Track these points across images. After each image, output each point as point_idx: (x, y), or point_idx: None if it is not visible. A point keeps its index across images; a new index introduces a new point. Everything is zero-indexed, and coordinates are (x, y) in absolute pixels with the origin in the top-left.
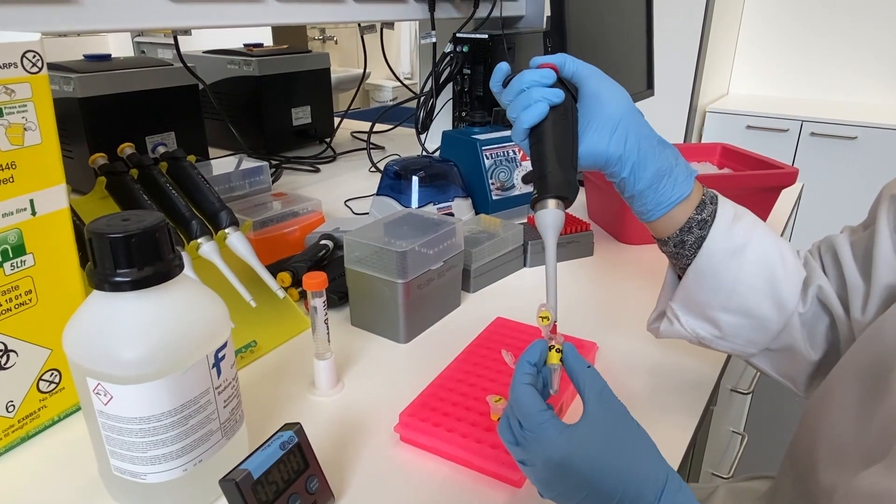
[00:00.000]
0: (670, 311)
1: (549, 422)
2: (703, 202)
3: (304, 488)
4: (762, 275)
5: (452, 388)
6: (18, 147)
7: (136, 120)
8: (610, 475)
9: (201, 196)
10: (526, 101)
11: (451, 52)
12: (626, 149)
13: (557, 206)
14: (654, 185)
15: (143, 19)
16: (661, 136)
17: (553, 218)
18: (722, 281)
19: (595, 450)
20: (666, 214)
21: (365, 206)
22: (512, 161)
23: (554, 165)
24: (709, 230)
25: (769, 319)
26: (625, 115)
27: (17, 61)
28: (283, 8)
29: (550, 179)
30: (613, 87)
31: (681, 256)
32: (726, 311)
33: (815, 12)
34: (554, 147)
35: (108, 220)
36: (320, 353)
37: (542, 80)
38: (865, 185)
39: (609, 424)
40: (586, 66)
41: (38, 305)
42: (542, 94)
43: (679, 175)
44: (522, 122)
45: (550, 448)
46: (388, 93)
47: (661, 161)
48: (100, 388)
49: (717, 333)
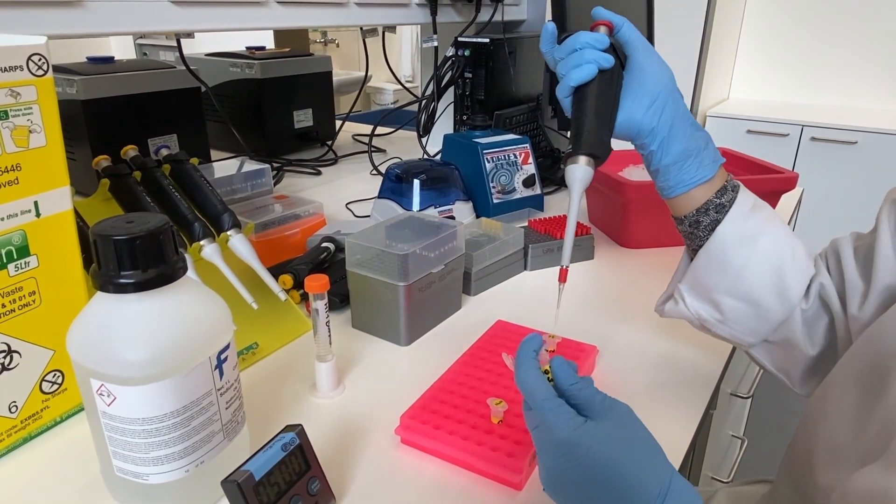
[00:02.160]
0: (677, 292)
1: (561, 406)
2: (725, 188)
3: (306, 490)
4: (770, 266)
5: (453, 391)
6: (23, 149)
7: (138, 122)
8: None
9: (204, 198)
10: (577, 61)
11: (453, 56)
12: (659, 123)
13: (588, 163)
14: (679, 162)
15: (148, 22)
16: (695, 120)
17: (582, 173)
18: (730, 266)
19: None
20: (686, 193)
21: (366, 209)
22: (513, 165)
23: (592, 125)
24: (725, 214)
25: (771, 310)
26: (664, 91)
27: (23, 64)
28: (286, 11)
29: (586, 137)
30: (660, 63)
31: (694, 237)
32: (730, 296)
33: (816, 17)
34: (595, 108)
35: (113, 222)
36: (321, 356)
37: (595, 44)
38: (866, 191)
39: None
40: (640, 37)
41: (41, 307)
42: (595, 56)
43: (706, 158)
44: (570, 79)
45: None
46: (389, 96)
47: (691, 141)
48: (103, 389)
49: (718, 317)
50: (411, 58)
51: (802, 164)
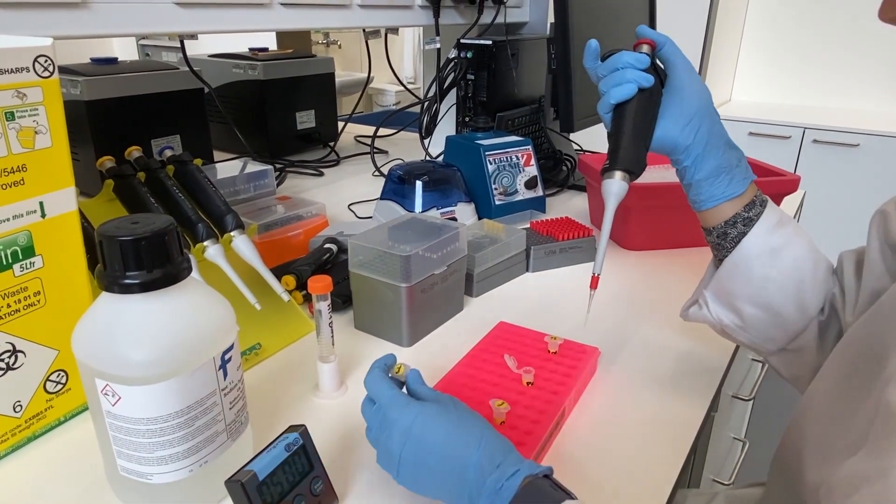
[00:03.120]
0: (702, 298)
1: (399, 395)
2: (754, 202)
3: (309, 490)
4: (792, 278)
5: (455, 392)
6: (29, 150)
7: (142, 123)
8: (443, 434)
9: (207, 199)
10: (619, 80)
11: (455, 58)
12: (694, 140)
13: (623, 178)
14: (711, 178)
15: (152, 23)
16: (730, 139)
17: (618, 188)
18: (753, 276)
19: (436, 414)
20: (716, 206)
21: (369, 210)
22: (515, 166)
23: (629, 142)
24: (752, 227)
25: (790, 320)
26: (701, 110)
27: (30, 65)
28: (290, 13)
29: (623, 154)
30: (698, 83)
31: (721, 248)
32: (752, 304)
33: (818, 19)
34: (633, 126)
35: (118, 223)
36: (324, 356)
37: (636, 64)
38: (867, 193)
39: (447, 401)
40: (682, 56)
41: (46, 307)
42: (635, 76)
43: (737, 175)
44: (611, 96)
45: (404, 413)
46: (391, 97)
47: (724, 159)
48: (108, 389)
49: (739, 323)
50: (413, 59)
51: (804, 167)
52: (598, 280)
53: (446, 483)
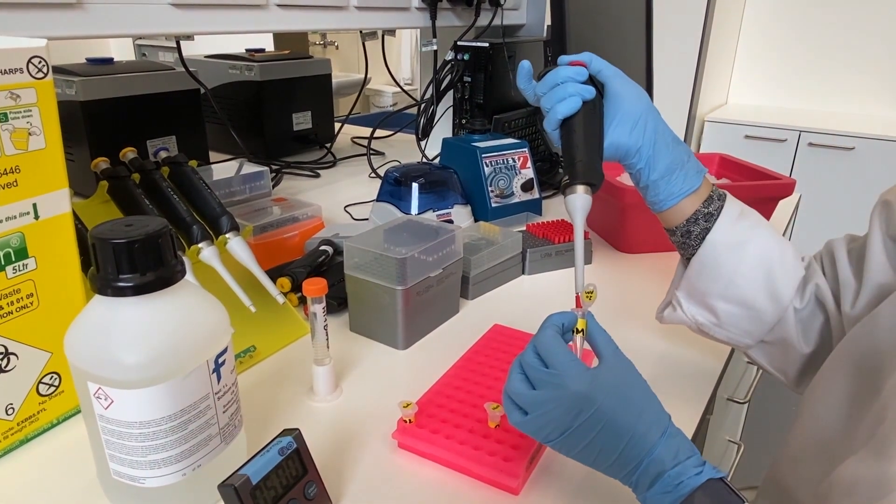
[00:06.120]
0: (675, 299)
1: (575, 360)
2: (711, 198)
3: (303, 494)
4: (760, 269)
5: (450, 395)
6: (23, 151)
7: (137, 124)
8: (626, 411)
9: (202, 201)
10: (561, 95)
11: (452, 60)
12: (643, 142)
13: (586, 191)
14: (666, 176)
15: (148, 24)
16: (675, 135)
17: (583, 202)
18: (722, 271)
19: (614, 385)
20: (676, 205)
21: (364, 212)
22: (511, 169)
23: (583, 154)
24: (714, 223)
25: (764, 311)
26: (644, 112)
27: (23, 67)
28: (286, 15)
29: (580, 167)
30: (635, 87)
31: (687, 246)
32: (724, 300)
33: (814, 23)
34: (584, 138)
35: (112, 226)
36: (319, 359)
37: (576, 77)
38: (863, 196)
39: (625, 369)
40: (610, 66)
41: (39, 309)
42: (577, 89)
43: (690, 170)
44: (557, 112)
45: (578, 381)
46: (388, 98)
47: (674, 155)
48: (100, 393)
49: (714, 321)
50: (410, 61)
51: (800, 170)
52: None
53: (609, 458)
